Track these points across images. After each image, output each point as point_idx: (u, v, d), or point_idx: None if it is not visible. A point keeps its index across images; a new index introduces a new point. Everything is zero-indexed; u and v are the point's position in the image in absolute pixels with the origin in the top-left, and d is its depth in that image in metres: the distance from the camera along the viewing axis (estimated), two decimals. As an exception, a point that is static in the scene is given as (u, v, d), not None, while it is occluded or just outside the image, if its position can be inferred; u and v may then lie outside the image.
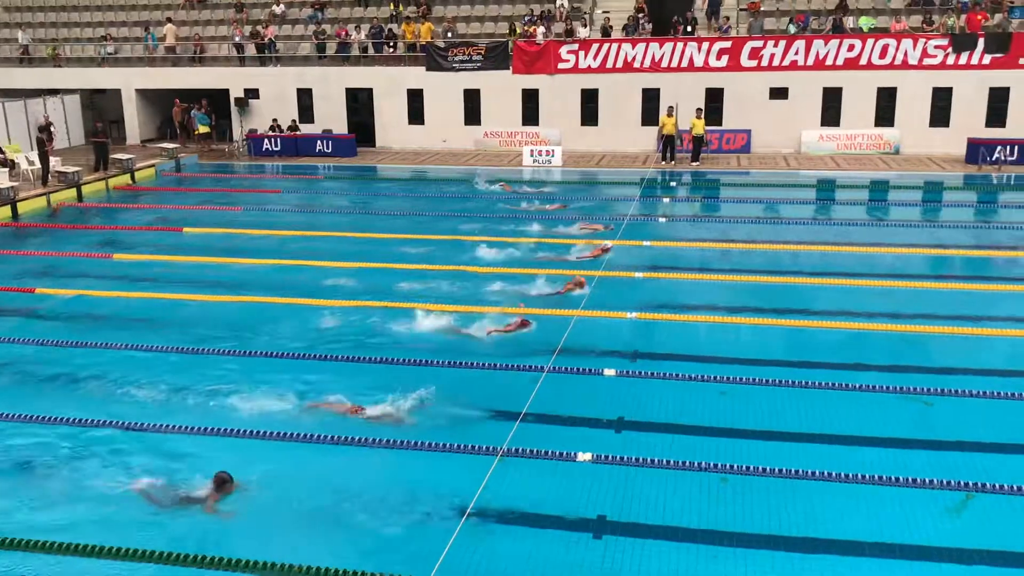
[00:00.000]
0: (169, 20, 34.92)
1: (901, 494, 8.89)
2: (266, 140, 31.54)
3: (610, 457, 9.59)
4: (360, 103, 32.68)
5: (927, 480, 9.03)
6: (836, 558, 7.96)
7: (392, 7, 33.78)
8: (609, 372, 11.84)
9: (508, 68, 31.17)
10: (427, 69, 31.69)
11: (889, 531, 8.32)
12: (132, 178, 27.12)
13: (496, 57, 31.15)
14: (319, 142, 31.43)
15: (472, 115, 31.84)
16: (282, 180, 28.44)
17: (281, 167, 30.08)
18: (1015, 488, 8.87)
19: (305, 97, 32.80)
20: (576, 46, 30.65)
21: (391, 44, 32.50)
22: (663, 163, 28.27)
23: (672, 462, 9.47)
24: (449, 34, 32.29)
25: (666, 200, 23.43)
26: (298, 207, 23.94)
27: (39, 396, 11.52)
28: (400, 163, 30.00)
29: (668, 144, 28.26)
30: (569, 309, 14.08)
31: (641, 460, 9.53)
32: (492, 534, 8.35)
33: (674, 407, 10.89)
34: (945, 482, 8.99)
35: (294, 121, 32.16)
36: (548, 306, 14.37)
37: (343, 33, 32.85)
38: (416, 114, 32.22)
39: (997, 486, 8.91)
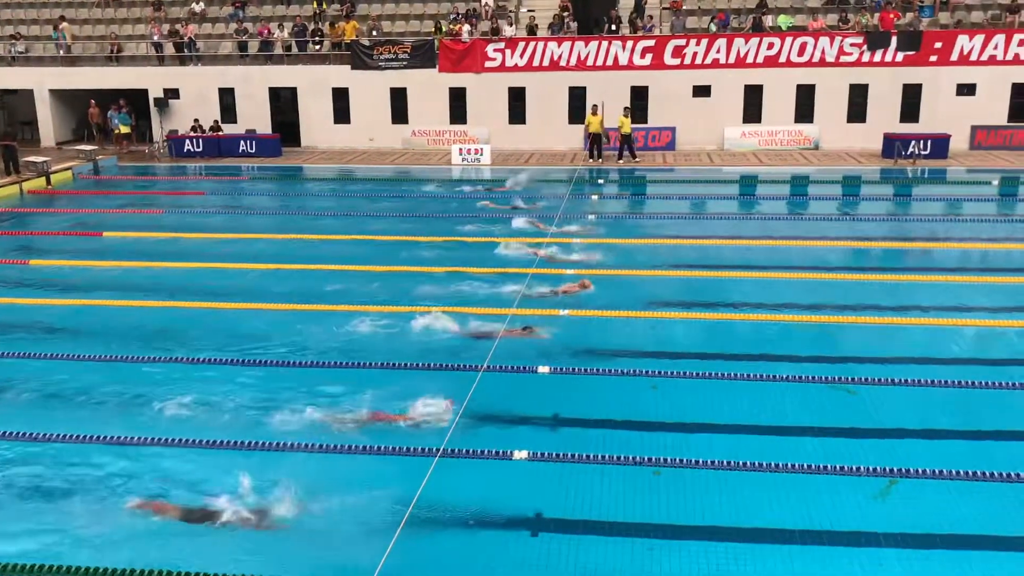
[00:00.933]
0: (63, 19, 33.88)
1: (829, 482, 9.11)
2: (187, 141, 30.86)
3: (546, 454, 9.61)
4: (284, 102, 32.24)
5: (853, 467, 9.26)
6: (768, 547, 8.10)
7: (315, 5, 33.36)
8: (543, 369, 11.87)
9: (434, 66, 31.08)
10: (352, 68, 31.39)
11: (818, 518, 8.51)
12: (48, 181, 26.25)
13: (422, 55, 31.02)
14: (242, 142, 30.89)
15: (399, 114, 31.66)
16: (205, 182, 27.87)
17: (204, 168, 29.48)
18: (936, 472, 9.16)
19: (227, 97, 32.20)
20: (502, 45, 30.71)
21: (318, 42, 32.09)
22: (591, 161, 28.49)
23: (607, 456, 9.54)
24: (374, 32, 32.04)
25: (594, 197, 23.61)
26: (222, 209, 23.49)
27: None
28: (326, 163, 29.68)
29: (595, 142, 28.48)
30: (502, 308, 14.06)
31: (576, 456, 9.57)
32: (432, 536, 8.29)
33: (607, 402, 10.96)
34: (870, 468, 9.24)
35: (216, 121, 31.54)
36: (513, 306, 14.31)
37: (265, 31, 32.33)
38: (342, 113, 31.90)
39: (919, 471, 9.18)
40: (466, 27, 31.27)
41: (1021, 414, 10.60)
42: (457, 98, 31.34)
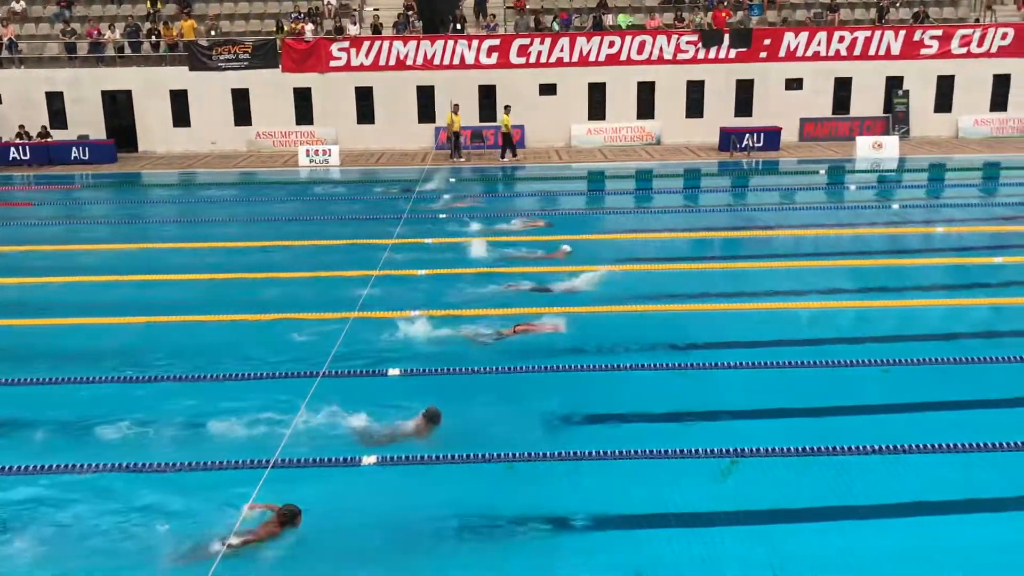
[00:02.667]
0: None
1: (675, 465, 9.42)
2: (13, 148, 28.98)
3: (395, 458, 9.53)
4: (119, 106, 30.69)
5: (695, 450, 9.61)
6: (620, 532, 8.32)
7: (149, 5, 31.95)
8: (393, 372, 11.76)
9: (278, 66, 30.34)
10: (190, 69, 30.26)
11: (666, 501, 8.78)
12: None
13: (264, 55, 30.22)
14: (75, 149, 29.23)
15: (242, 115, 30.74)
16: (34, 191, 26.25)
17: (32, 178, 27.75)
18: (772, 450, 9.61)
19: (56, 101, 30.42)
20: (347, 44, 30.30)
21: (154, 43, 30.73)
22: (453, 160, 28.48)
23: (457, 456, 9.53)
24: (212, 32, 30.98)
25: (446, 196, 23.60)
26: (52, 220, 22.19)
27: None
28: (166, 168, 28.49)
29: (456, 141, 28.48)
30: (343, 312, 13.81)
31: (427, 458, 9.53)
32: (261, 554, 8.04)
33: (456, 403, 10.93)
34: (711, 450, 9.61)
35: (44, 127, 29.74)
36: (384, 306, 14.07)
37: (95, 32, 30.72)
38: (181, 116, 30.70)
39: (756, 450, 9.62)
40: (309, 26, 30.67)
41: (854, 390, 11.23)
42: (302, 98, 30.71)
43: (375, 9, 31.98)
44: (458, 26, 30.90)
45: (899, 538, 8.20)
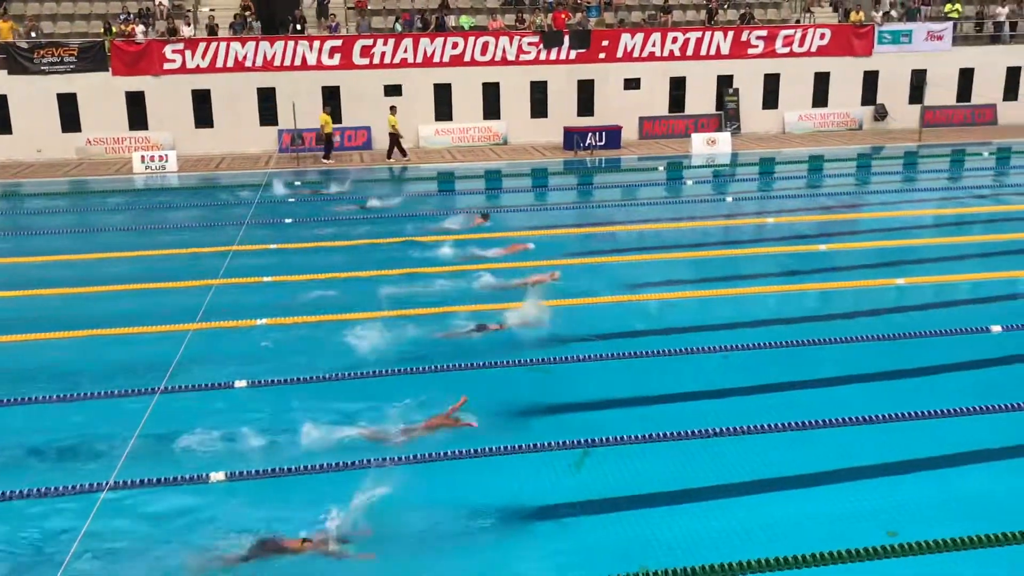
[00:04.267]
0: None
1: (527, 460, 9.56)
2: None
3: (247, 472, 9.25)
4: (-71, 113, 28.49)
5: (549, 443, 9.78)
6: (478, 530, 8.37)
7: (-42, 4, 29.82)
8: (240, 384, 11.40)
9: (107, 70, 28.89)
10: (9, 72, 28.39)
11: (524, 495, 8.89)
12: None
13: (92, 58, 28.70)
14: None
15: (70, 121, 29.08)
16: None
17: None
18: (622, 439, 9.88)
19: None
20: (181, 45, 29.16)
21: (-38, 45, 28.67)
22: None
23: (318, 466, 9.33)
24: (33, 33, 29.17)
25: (292, 200, 23.09)
26: None
27: None
28: (-15, 178, 26.64)
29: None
30: (183, 323, 13.30)
31: (281, 470, 9.29)
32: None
33: (306, 412, 10.70)
34: (565, 442, 9.79)
35: None
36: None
37: None
38: (1, 123, 28.74)
39: (607, 439, 9.86)
40: (140, 27, 29.35)
41: (698, 376, 11.68)
42: (135, 103, 29.33)
43: (210, 10, 30.92)
44: (298, 27, 30.28)
45: (744, 515, 8.58)
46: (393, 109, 28.22)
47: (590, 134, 29.91)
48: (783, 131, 33.14)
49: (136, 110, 29.36)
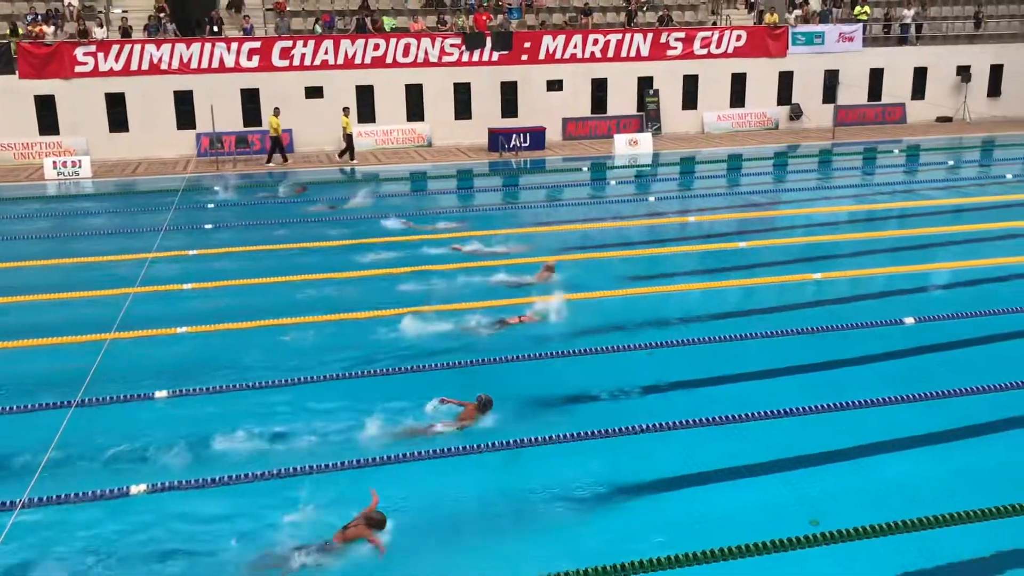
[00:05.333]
0: None
1: (458, 462, 9.54)
2: None
3: (169, 484, 9.01)
4: None
5: (477, 446, 9.77)
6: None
7: None
8: (161, 395, 11.10)
9: (14, 72, 27.91)
10: (-92, 76, 27.26)
11: (448, 500, 8.88)
12: None
13: (-3, 61, 27.70)
14: None
15: (-25, 127, 28.04)
16: None
17: None
18: (549, 438, 9.93)
19: None
20: (94, 48, 28.34)
21: None
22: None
23: (245, 475, 9.16)
24: (-67, 35, 28.03)
25: (212, 206, 22.61)
26: None
27: None
28: None
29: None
30: (99, 334, 12.90)
31: (205, 481, 9.08)
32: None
33: (230, 421, 10.49)
34: (495, 443, 9.80)
35: None
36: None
37: None
38: (-100, 128, 27.58)
39: (536, 439, 9.91)
40: (49, 29, 28.41)
41: (615, 374, 11.79)
42: (45, 107, 28.40)
43: (123, 11, 30.11)
44: (215, 28, 29.69)
45: (671, 510, 8.72)
46: (276, 111, 27.93)
47: (515, 135, 30.02)
48: (703, 131, 33.76)
49: (46, 114, 28.44)
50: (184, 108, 29.33)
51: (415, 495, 8.86)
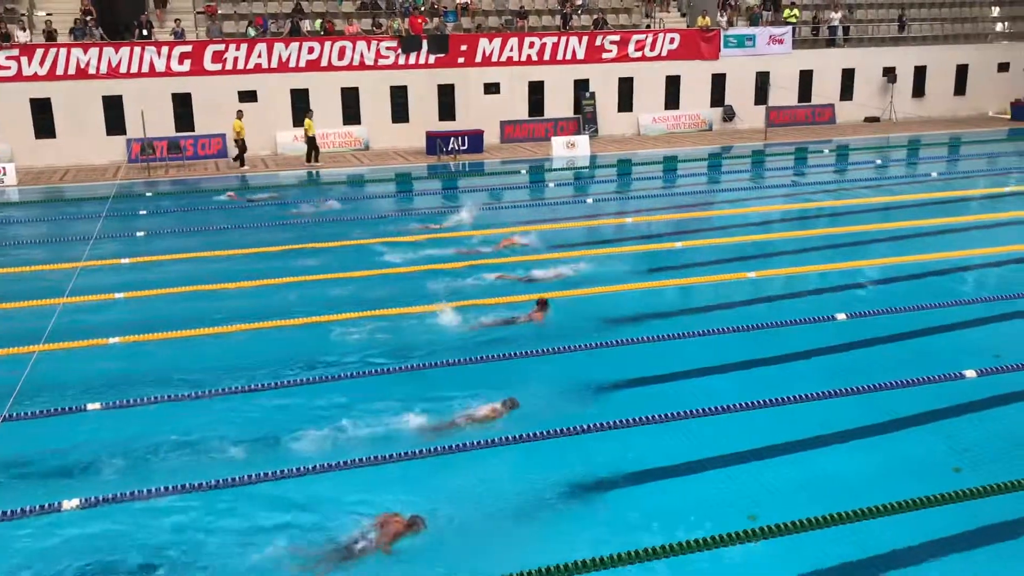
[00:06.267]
0: None
1: (390, 469, 9.49)
2: None
3: (103, 498, 8.79)
4: None
5: (413, 452, 9.73)
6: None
7: None
8: (93, 407, 10.83)
9: (-68, 78, 27.04)
10: None
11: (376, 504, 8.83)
12: None
13: (-86, 65, 26.78)
14: None
15: None
16: None
17: None
18: (480, 443, 9.94)
19: None
20: (17, 52, 27.57)
21: None
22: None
23: (181, 487, 8.97)
24: None
25: (142, 212, 22.15)
26: None
27: None
28: None
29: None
30: (27, 346, 12.54)
31: (140, 493, 8.88)
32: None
33: (165, 433, 10.28)
34: (426, 450, 9.77)
35: None
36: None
37: None
38: None
39: (464, 444, 9.90)
40: (-33, 32, 27.58)
41: (556, 373, 11.85)
42: (-34, 113, 27.58)
43: (47, 14, 29.34)
44: (144, 32, 29.10)
45: (610, 508, 8.77)
46: (310, 114, 27.83)
47: (452, 138, 29.98)
48: (638, 133, 34.13)
49: (-32, 121, 27.61)
50: (114, 113, 28.70)
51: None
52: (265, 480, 9.12)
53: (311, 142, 28.32)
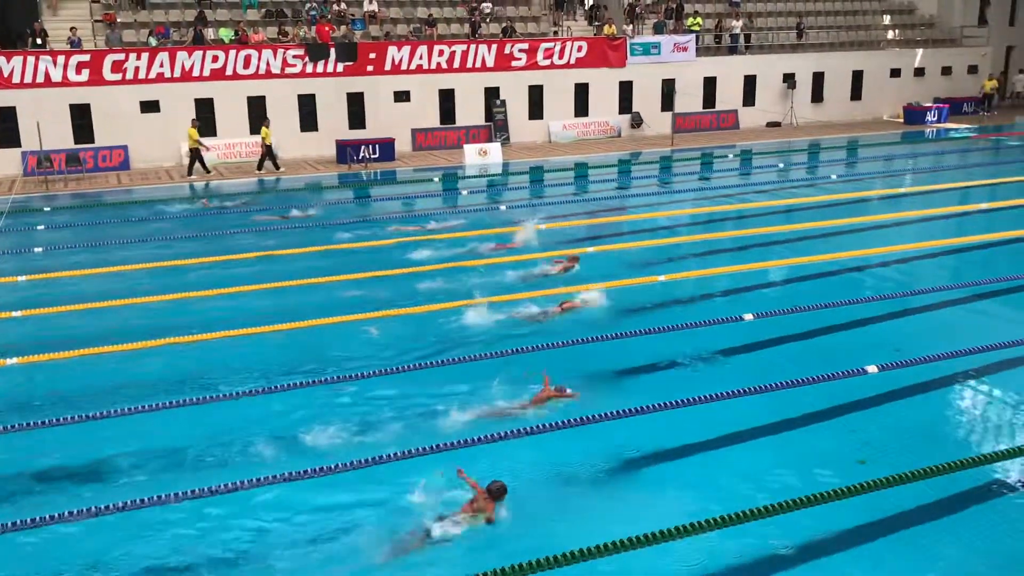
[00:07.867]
0: None
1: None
2: None
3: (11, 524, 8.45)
4: None
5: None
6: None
7: None
8: (-7, 430, 10.39)
9: None
10: None
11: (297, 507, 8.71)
12: None
13: None
14: None
15: None
16: None
17: None
18: (408, 452, 9.88)
19: None
20: (-101, 61, 26.28)
21: None
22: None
23: (89, 510, 8.67)
24: None
25: (40, 228, 21.34)
26: None
27: None
28: None
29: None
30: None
31: (45, 519, 8.55)
32: None
33: (63, 456, 9.92)
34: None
35: None
36: None
37: None
38: None
39: (400, 453, 9.83)
40: None
41: (470, 380, 11.84)
42: None
43: (-68, 22, 28.10)
44: (38, 41, 28.08)
45: (526, 511, 8.80)
46: (267, 122, 27.83)
47: (363, 147, 29.74)
48: (549, 140, 34.43)
49: None
50: (7, 125, 27.60)
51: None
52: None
53: (268, 150, 27.85)
